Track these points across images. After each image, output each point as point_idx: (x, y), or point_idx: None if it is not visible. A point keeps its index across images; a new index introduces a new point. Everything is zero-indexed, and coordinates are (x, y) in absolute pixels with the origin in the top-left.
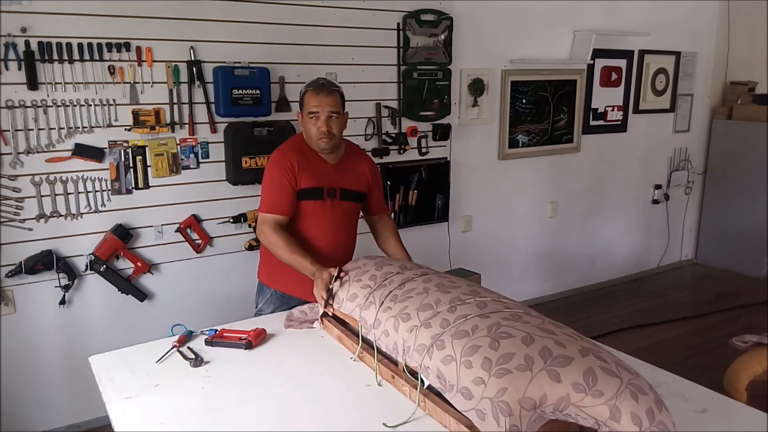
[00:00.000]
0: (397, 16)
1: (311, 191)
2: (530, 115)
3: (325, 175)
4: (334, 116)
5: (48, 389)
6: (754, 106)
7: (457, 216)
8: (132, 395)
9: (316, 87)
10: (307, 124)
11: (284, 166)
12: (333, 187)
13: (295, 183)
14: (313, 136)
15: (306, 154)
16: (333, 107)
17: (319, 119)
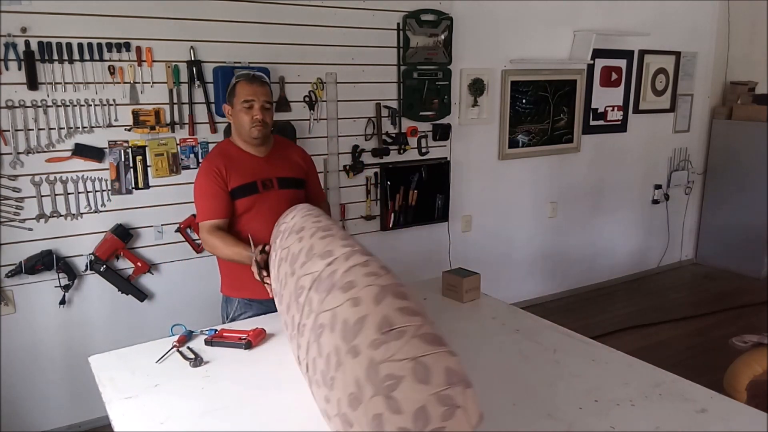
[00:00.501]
0: (397, 16)
1: (243, 188)
2: (530, 115)
3: (256, 169)
4: (267, 105)
5: (48, 389)
6: (754, 106)
7: (457, 216)
8: (132, 395)
9: (249, 78)
10: (239, 114)
11: (210, 172)
12: (268, 177)
13: (225, 185)
14: (247, 124)
15: (231, 156)
16: (266, 97)
17: (253, 108)
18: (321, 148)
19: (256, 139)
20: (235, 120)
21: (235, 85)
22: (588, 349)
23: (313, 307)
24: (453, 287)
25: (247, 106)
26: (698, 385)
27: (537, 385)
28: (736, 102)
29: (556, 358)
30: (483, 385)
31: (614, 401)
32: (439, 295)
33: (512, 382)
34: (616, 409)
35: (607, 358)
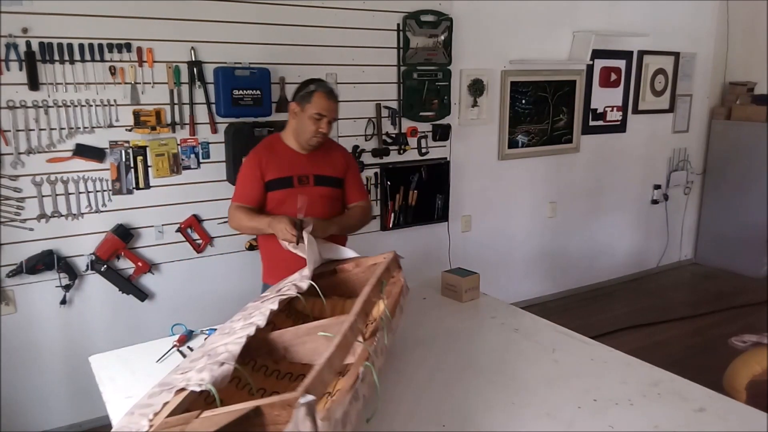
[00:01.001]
0: (397, 17)
1: (279, 181)
2: (530, 116)
3: (295, 165)
4: (332, 122)
5: (48, 389)
6: (752, 106)
7: (457, 216)
8: (132, 395)
9: (328, 91)
10: (306, 121)
11: (252, 162)
12: (305, 174)
13: (261, 177)
14: (309, 133)
15: (275, 150)
16: (336, 114)
17: (322, 121)
18: None
19: (313, 147)
20: (298, 123)
21: (313, 93)
22: (587, 348)
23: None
24: (452, 287)
25: (317, 118)
26: (697, 384)
27: (536, 384)
28: (735, 102)
29: (555, 358)
30: (482, 384)
31: (613, 400)
32: (438, 294)
33: (511, 381)
34: (615, 408)
35: (606, 357)
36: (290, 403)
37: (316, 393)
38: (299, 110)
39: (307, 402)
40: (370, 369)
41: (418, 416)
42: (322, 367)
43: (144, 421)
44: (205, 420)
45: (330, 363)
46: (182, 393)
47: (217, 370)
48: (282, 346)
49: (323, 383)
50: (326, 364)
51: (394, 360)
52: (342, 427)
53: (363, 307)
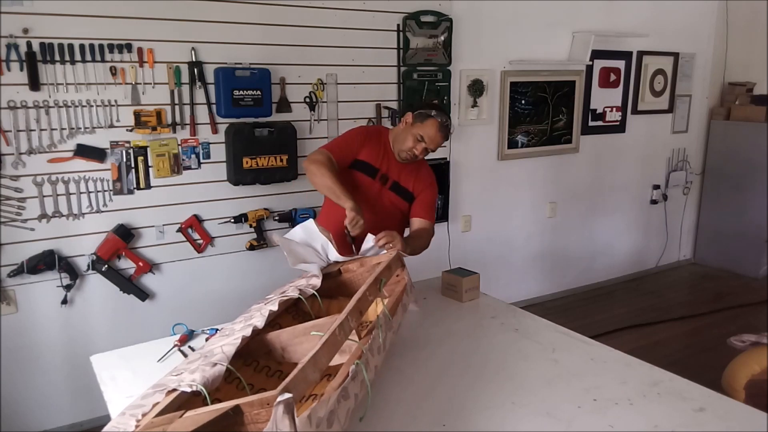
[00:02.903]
0: (397, 18)
1: (367, 166)
2: (529, 116)
3: (386, 162)
4: (432, 150)
5: (49, 388)
6: (752, 106)
7: (457, 216)
8: (133, 395)
9: (443, 123)
10: (409, 136)
11: (359, 134)
12: (388, 174)
13: (355, 152)
14: (405, 147)
15: (380, 139)
16: (436, 146)
17: (420, 144)
18: None
19: (401, 160)
20: (403, 133)
21: (429, 117)
22: (587, 348)
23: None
24: (452, 287)
25: (419, 140)
26: (696, 384)
27: (536, 384)
28: (734, 102)
29: (554, 358)
30: (482, 384)
31: (612, 400)
32: (438, 294)
33: (511, 381)
34: (615, 408)
35: (606, 357)
36: (269, 402)
37: (297, 391)
38: (410, 123)
39: (284, 400)
40: (362, 367)
41: (418, 416)
42: (305, 365)
43: (132, 421)
44: (186, 419)
45: (314, 361)
46: (173, 394)
47: (209, 370)
48: (280, 347)
49: (306, 382)
50: (310, 362)
51: (394, 360)
52: (328, 426)
53: (356, 305)
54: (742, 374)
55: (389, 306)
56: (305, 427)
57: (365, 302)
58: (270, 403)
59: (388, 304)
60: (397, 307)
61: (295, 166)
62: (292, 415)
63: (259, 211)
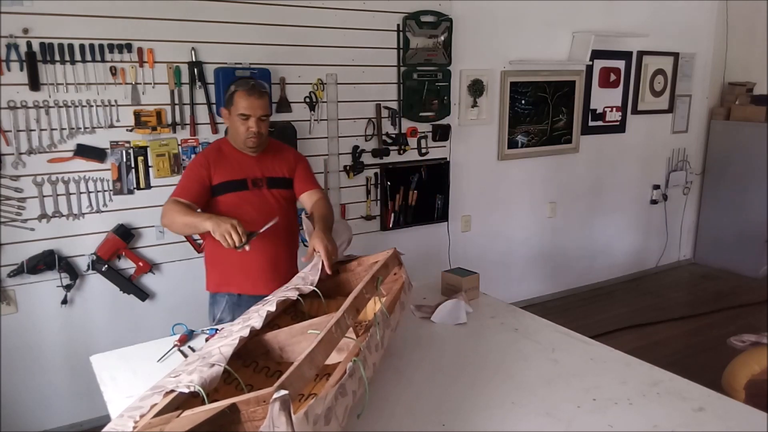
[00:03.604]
0: (397, 18)
1: (231, 184)
2: (529, 116)
3: (247, 168)
4: (264, 118)
5: (49, 388)
6: (752, 106)
7: (457, 216)
8: (133, 395)
9: (248, 89)
10: (236, 123)
11: (199, 162)
12: (258, 177)
13: (207, 179)
14: (242, 134)
15: (224, 153)
16: (263, 110)
17: (249, 120)
18: (321, 148)
19: (251, 149)
20: (231, 126)
21: (234, 93)
22: (586, 348)
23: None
24: (452, 287)
25: (244, 119)
26: (696, 384)
27: (536, 384)
28: (734, 102)
29: (554, 358)
30: (482, 383)
31: (612, 400)
32: (438, 294)
33: (511, 381)
34: (615, 407)
35: (606, 357)
36: (265, 399)
37: (293, 388)
38: (227, 114)
39: (280, 397)
40: (359, 365)
41: (418, 415)
42: (302, 362)
43: (130, 423)
44: (183, 419)
45: (311, 358)
46: (171, 395)
47: (207, 371)
48: (278, 347)
49: (302, 379)
50: (306, 359)
51: (393, 359)
52: (325, 423)
53: (353, 303)
54: (742, 374)
55: (387, 304)
56: (302, 424)
57: (362, 300)
58: (266, 401)
59: (386, 302)
60: (395, 305)
61: None
62: (289, 412)
63: None
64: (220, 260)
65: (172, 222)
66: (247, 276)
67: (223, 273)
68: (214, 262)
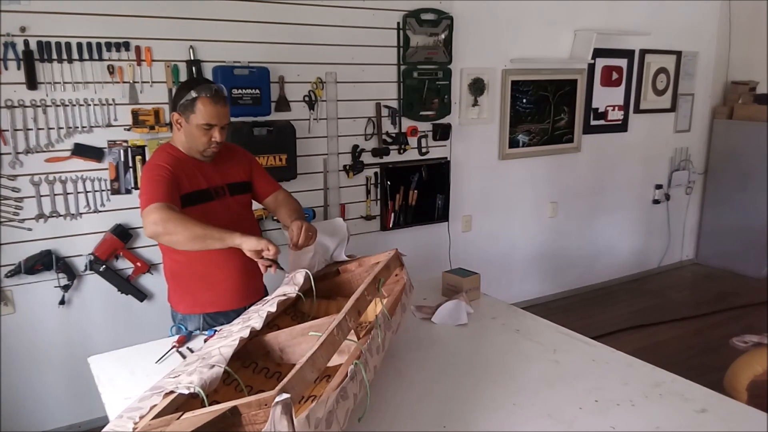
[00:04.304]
0: (397, 16)
1: (197, 195)
2: (531, 115)
3: (208, 176)
4: (226, 125)
5: (47, 389)
6: (755, 105)
7: (457, 216)
8: (131, 396)
9: (213, 96)
10: (195, 132)
11: (159, 167)
12: (219, 185)
13: (178, 185)
14: (203, 145)
15: (180, 161)
16: (228, 118)
17: (213, 131)
18: (321, 147)
19: (208, 158)
20: (187, 135)
21: (196, 100)
22: (588, 349)
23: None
24: (453, 287)
25: (206, 128)
26: (698, 385)
27: (537, 384)
28: (737, 102)
29: (556, 358)
30: (483, 385)
31: (614, 401)
32: (439, 295)
33: (512, 382)
34: (616, 409)
35: (608, 358)
36: (266, 402)
37: (295, 392)
38: (183, 121)
39: (282, 400)
40: (360, 367)
41: (419, 417)
42: (303, 365)
43: (129, 424)
44: (184, 421)
45: (312, 361)
46: (170, 396)
47: (207, 372)
48: (278, 348)
49: (304, 382)
50: (308, 362)
51: (394, 361)
52: (326, 427)
53: (355, 305)
54: (744, 375)
55: (388, 306)
56: (303, 427)
57: (363, 302)
58: (268, 404)
59: (387, 303)
60: (396, 306)
61: (294, 165)
62: (290, 415)
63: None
64: (184, 281)
65: (175, 232)
66: (217, 293)
67: (192, 294)
68: (178, 283)
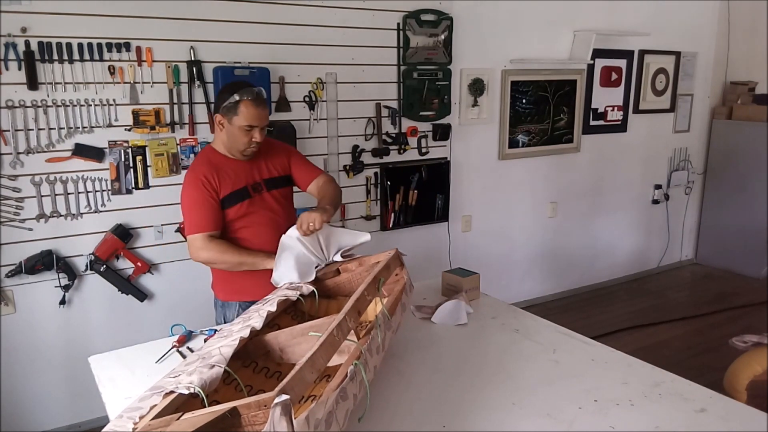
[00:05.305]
0: (397, 16)
1: (235, 195)
2: (530, 115)
3: (244, 174)
4: (265, 127)
5: (48, 389)
6: (754, 106)
7: (457, 216)
8: (132, 395)
9: (255, 99)
10: (236, 133)
11: (199, 182)
12: (256, 181)
13: (216, 195)
14: (243, 145)
15: (217, 164)
16: (267, 119)
17: (254, 131)
18: (321, 148)
19: (247, 157)
20: (228, 135)
21: (238, 103)
22: (588, 348)
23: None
24: (453, 287)
25: (248, 129)
26: (698, 384)
27: (537, 384)
28: (736, 102)
29: (555, 358)
30: (483, 384)
31: (614, 401)
32: (438, 295)
33: (512, 381)
34: (616, 408)
35: (607, 357)
36: (266, 403)
37: (294, 392)
38: (226, 122)
39: (281, 401)
40: (360, 368)
41: (418, 417)
42: (303, 366)
43: (129, 424)
44: (184, 421)
45: (312, 362)
46: (171, 396)
47: (207, 372)
48: (278, 348)
49: (303, 383)
50: (307, 363)
51: (394, 361)
52: (326, 428)
53: (355, 305)
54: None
55: (388, 306)
56: (303, 428)
57: (364, 302)
58: (267, 405)
59: (387, 303)
60: (397, 306)
61: None
62: (290, 416)
63: None
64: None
65: (222, 262)
66: (258, 283)
67: (234, 282)
68: (222, 272)
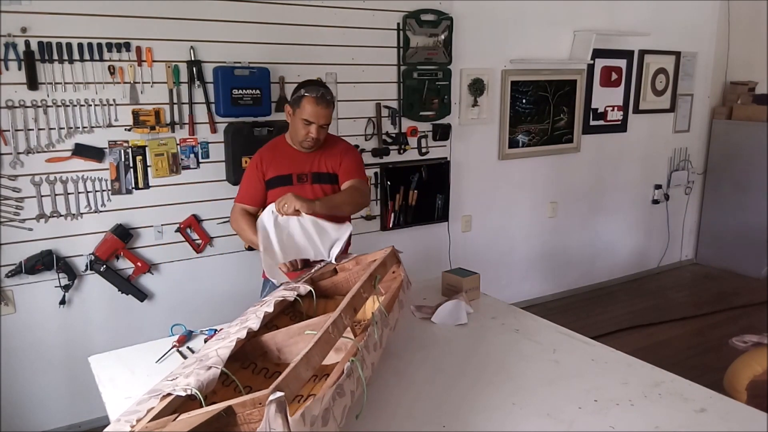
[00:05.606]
0: (397, 16)
1: (279, 179)
2: (530, 115)
3: (296, 163)
4: (325, 126)
5: (48, 389)
6: (754, 106)
7: (457, 216)
8: (132, 395)
9: (318, 97)
10: (297, 124)
11: (255, 161)
12: (304, 172)
13: (262, 176)
14: (301, 137)
15: (279, 149)
16: (327, 120)
17: (311, 127)
18: None
19: (306, 150)
20: (292, 125)
21: (303, 97)
22: (588, 348)
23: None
24: (453, 287)
25: (306, 123)
26: (698, 384)
27: (537, 384)
28: (736, 102)
29: (555, 358)
30: (483, 384)
31: (614, 401)
32: (438, 295)
33: (512, 381)
34: (616, 408)
35: (607, 357)
36: (261, 401)
37: (289, 390)
38: (291, 112)
39: (276, 398)
40: (357, 364)
41: (418, 416)
42: (298, 363)
43: (127, 427)
44: (180, 422)
45: (307, 359)
46: (168, 398)
47: (204, 374)
48: (275, 348)
49: (298, 380)
50: (303, 360)
51: (394, 360)
52: (323, 425)
53: (350, 302)
54: (743, 375)
55: (385, 303)
56: (299, 425)
57: (359, 299)
58: (262, 403)
59: (384, 300)
60: (394, 303)
61: None
62: (285, 413)
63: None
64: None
65: (240, 232)
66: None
67: None
68: None
